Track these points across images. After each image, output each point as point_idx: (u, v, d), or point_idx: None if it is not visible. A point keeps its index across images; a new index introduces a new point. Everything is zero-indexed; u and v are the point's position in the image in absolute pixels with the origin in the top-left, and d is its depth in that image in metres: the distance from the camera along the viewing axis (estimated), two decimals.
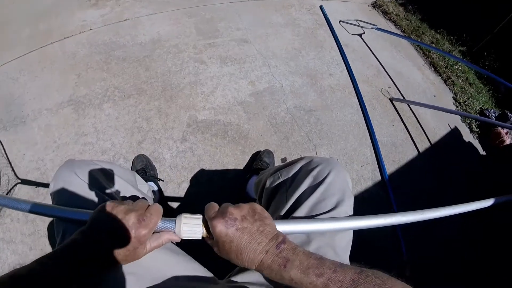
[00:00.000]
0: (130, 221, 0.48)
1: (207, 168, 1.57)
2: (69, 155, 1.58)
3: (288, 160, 1.02)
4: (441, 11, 3.29)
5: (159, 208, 0.53)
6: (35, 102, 1.85)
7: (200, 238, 0.52)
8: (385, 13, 3.13)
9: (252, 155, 1.63)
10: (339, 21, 2.76)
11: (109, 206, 0.50)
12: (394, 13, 3.13)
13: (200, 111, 1.74)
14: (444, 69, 2.62)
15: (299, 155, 1.68)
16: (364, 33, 2.71)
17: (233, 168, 1.58)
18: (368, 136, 1.87)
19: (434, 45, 2.87)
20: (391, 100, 2.13)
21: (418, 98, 2.25)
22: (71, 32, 2.43)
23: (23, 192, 1.48)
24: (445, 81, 2.57)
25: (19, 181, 1.50)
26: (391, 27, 3.00)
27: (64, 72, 2.03)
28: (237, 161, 1.60)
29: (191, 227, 0.51)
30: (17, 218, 1.41)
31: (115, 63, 2.04)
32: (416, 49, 2.78)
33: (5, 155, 1.60)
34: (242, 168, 1.59)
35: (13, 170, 1.55)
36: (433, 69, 2.65)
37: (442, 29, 3.09)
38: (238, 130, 1.69)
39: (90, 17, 2.57)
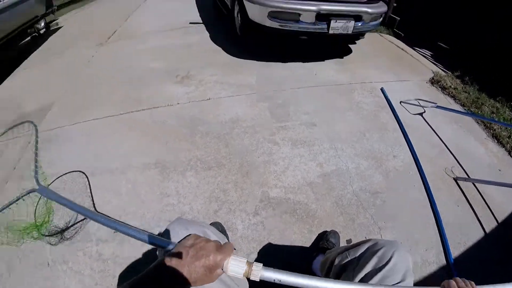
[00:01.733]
0: (210, 247, 0.65)
1: (275, 243, 1.76)
2: (151, 212, 1.90)
3: (353, 242, 1.18)
4: (498, 78, 3.42)
5: (232, 245, 0.69)
6: (124, 158, 2.30)
7: (242, 277, 0.65)
8: (443, 88, 3.37)
9: (319, 234, 1.79)
10: (400, 102, 3.04)
11: (194, 235, 0.68)
12: (452, 87, 3.35)
13: (272, 188, 1.99)
14: (507, 139, 2.65)
15: (364, 237, 1.81)
16: (424, 111, 2.93)
17: (300, 245, 1.75)
18: (433, 217, 1.94)
19: (494, 114, 2.97)
20: (456, 179, 2.21)
21: (483, 174, 2.29)
22: (160, 103, 3.01)
23: (103, 232, 1.75)
24: (509, 153, 2.58)
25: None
26: (450, 102, 3.19)
27: (153, 138, 2.50)
28: (304, 239, 1.77)
29: (236, 267, 0.64)
30: (89, 253, 1.68)
31: (199, 137, 2.45)
32: (478, 122, 2.89)
33: (90, 194, 1.95)
34: (308, 246, 1.75)
35: (95, 207, 1.87)
36: (496, 141, 2.69)
37: (501, 97, 3.20)
38: (306, 209, 1.89)
39: (177, 92, 3.15)
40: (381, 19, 3.75)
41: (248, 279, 0.65)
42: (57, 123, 3.00)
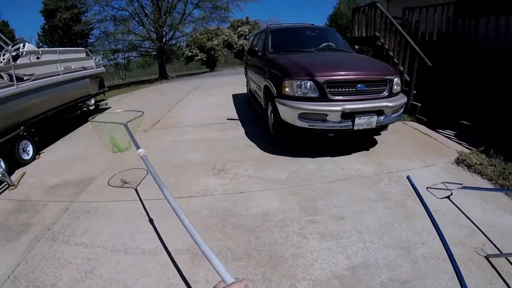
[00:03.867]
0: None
1: None
2: None
3: None
4: None
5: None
6: (157, 241, 2.61)
7: None
8: (469, 166, 3.50)
9: None
10: (427, 188, 3.19)
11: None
12: (478, 163, 3.46)
13: (300, 281, 2.14)
14: None
15: None
16: (451, 194, 3.04)
17: None
18: None
19: None
20: (487, 257, 2.21)
21: None
22: (196, 193, 3.41)
23: None
24: None
25: None
26: (477, 179, 3.28)
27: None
28: None
29: None
30: None
31: (230, 228, 2.73)
32: (507, 194, 2.91)
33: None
34: None
35: None
36: None
37: None
38: None
39: (212, 184, 3.54)
40: (402, 109, 4.20)
41: None
42: (98, 197, 3.48)
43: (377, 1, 7.35)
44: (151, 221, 2.93)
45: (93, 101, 8.46)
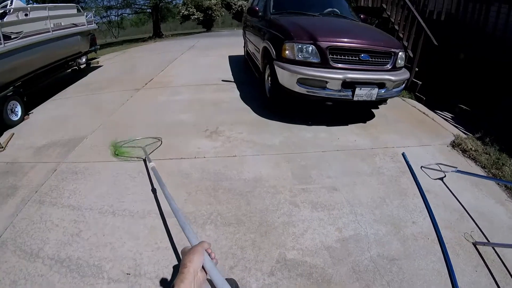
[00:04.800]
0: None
1: None
2: (166, 260, 2.06)
3: None
4: None
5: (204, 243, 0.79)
6: (146, 204, 2.57)
7: None
8: (464, 151, 3.47)
9: None
10: (421, 167, 3.16)
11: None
12: (473, 149, 3.44)
13: (290, 250, 2.11)
14: None
15: None
16: (445, 176, 3.02)
17: None
18: (450, 285, 1.93)
19: None
20: (475, 244, 2.22)
21: (503, 237, 2.28)
22: (187, 154, 3.33)
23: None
24: None
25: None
26: (471, 165, 3.26)
27: (176, 187, 2.76)
28: None
29: None
30: None
31: (221, 192, 2.67)
32: (498, 184, 2.91)
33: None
34: None
35: None
36: None
37: None
38: (323, 273, 1.98)
39: (204, 146, 3.47)
40: (403, 85, 4.07)
41: None
42: (86, 158, 3.40)
43: None
44: (140, 182, 2.86)
45: (84, 59, 8.16)
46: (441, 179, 2.98)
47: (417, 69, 5.60)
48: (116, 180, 2.92)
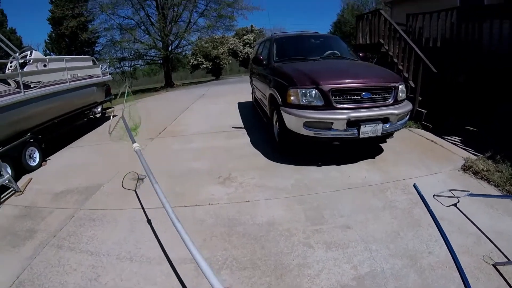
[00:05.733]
0: None
1: None
2: None
3: None
4: None
5: None
6: (162, 249, 2.63)
7: None
8: (475, 173, 3.48)
9: None
10: (433, 196, 3.18)
11: None
12: (485, 169, 3.44)
13: None
14: None
15: None
16: (458, 201, 3.02)
17: None
18: None
19: None
20: (495, 265, 2.18)
21: None
22: (201, 201, 3.42)
23: None
24: None
25: None
26: (484, 186, 3.26)
27: (192, 233, 2.73)
28: None
29: None
30: None
31: (236, 237, 2.73)
32: None
33: None
34: None
35: None
36: None
37: None
38: None
39: (218, 192, 3.56)
40: (407, 117, 4.20)
41: None
42: (104, 205, 3.53)
43: (380, 8, 7.41)
44: (156, 229, 2.94)
45: (99, 109, 8.57)
46: (455, 205, 3.00)
47: (420, 98, 5.77)
48: (133, 227, 3.01)
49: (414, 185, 3.39)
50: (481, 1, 7.79)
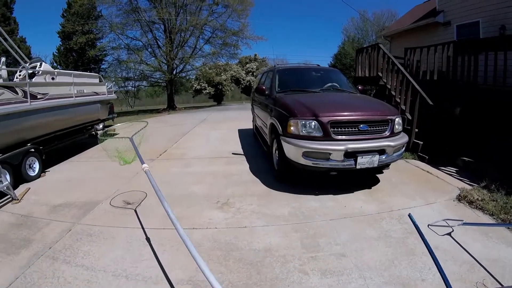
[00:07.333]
0: None
1: None
2: None
3: None
4: None
5: None
6: (159, 270, 2.66)
7: None
8: (470, 203, 3.57)
9: None
10: (428, 225, 3.26)
11: None
12: (479, 199, 3.53)
13: None
14: None
15: None
16: (453, 231, 3.10)
17: None
18: None
19: None
20: None
21: None
22: (199, 225, 3.48)
23: None
24: None
25: None
26: (478, 215, 3.35)
27: (188, 256, 2.79)
28: None
29: None
30: None
31: (232, 261, 2.79)
32: (509, 228, 2.96)
33: None
34: None
35: None
36: None
37: None
38: None
39: (216, 217, 3.63)
40: (403, 148, 4.36)
41: None
42: (102, 222, 3.58)
43: (379, 42, 7.74)
44: (153, 249, 2.99)
45: (101, 126, 8.71)
46: (449, 234, 3.08)
47: (417, 130, 5.97)
48: (130, 246, 3.05)
49: (409, 215, 3.48)
50: (477, 34, 8.20)
